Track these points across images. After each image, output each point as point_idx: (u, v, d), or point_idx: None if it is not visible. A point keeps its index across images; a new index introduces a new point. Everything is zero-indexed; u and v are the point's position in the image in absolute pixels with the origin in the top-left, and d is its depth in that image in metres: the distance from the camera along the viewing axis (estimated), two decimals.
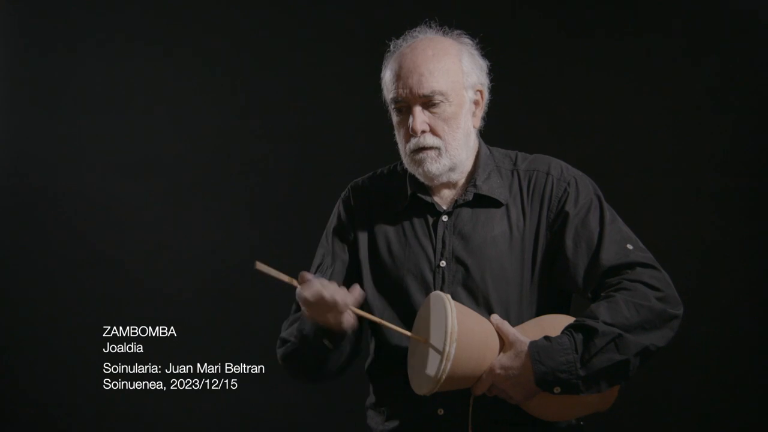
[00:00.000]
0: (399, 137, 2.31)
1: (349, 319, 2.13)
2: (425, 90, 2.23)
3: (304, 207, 3.82)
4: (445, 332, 2.05)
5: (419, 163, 2.27)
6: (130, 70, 3.95)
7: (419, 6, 2.60)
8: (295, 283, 2.10)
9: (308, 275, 2.10)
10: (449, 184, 2.33)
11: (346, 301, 2.10)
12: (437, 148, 2.26)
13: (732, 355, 3.66)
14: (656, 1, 3.75)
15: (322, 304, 2.09)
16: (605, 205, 2.30)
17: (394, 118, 2.31)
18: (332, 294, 2.08)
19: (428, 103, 2.24)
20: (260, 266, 2.07)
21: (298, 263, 2.48)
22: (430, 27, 2.34)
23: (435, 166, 2.26)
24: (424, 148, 2.26)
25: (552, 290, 2.28)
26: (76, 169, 3.95)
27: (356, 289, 2.14)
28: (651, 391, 3.60)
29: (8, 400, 3.97)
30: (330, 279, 2.30)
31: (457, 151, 2.27)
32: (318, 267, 2.39)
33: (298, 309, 2.32)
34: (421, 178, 2.31)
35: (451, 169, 2.29)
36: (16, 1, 3.96)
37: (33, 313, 3.95)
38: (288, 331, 2.30)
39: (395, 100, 2.27)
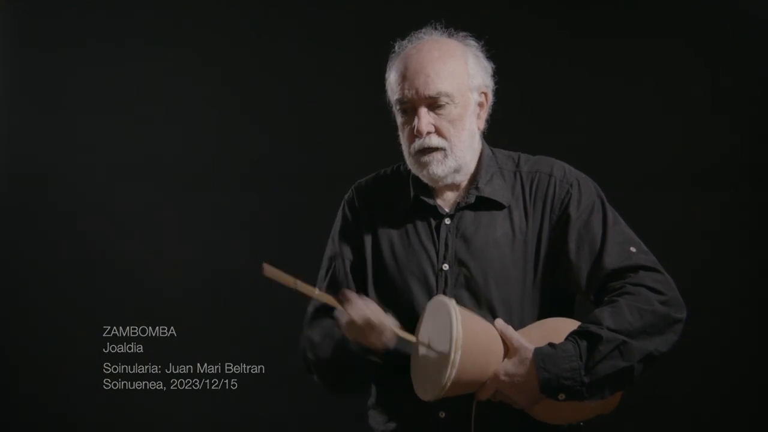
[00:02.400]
0: (403, 138, 2.31)
1: (390, 338, 2.13)
2: (431, 91, 2.22)
3: (304, 207, 3.81)
4: (450, 339, 2.05)
5: (424, 166, 2.26)
6: (130, 70, 3.94)
7: (424, 7, 2.59)
8: (299, 286, 2.09)
9: (350, 294, 2.12)
10: (452, 186, 2.32)
11: (389, 322, 2.12)
12: (442, 150, 2.25)
13: (732, 357, 3.66)
14: (659, 2, 3.75)
15: (367, 326, 2.10)
16: (608, 207, 2.29)
17: (399, 119, 2.31)
18: (378, 316, 2.10)
19: (434, 104, 2.23)
20: (268, 270, 2.06)
21: (299, 263, 2.48)
22: (436, 29, 2.33)
23: (440, 168, 2.26)
24: (429, 149, 2.25)
25: (555, 292, 2.27)
26: (75, 170, 3.95)
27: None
28: (651, 392, 3.60)
29: (8, 400, 3.96)
30: (348, 286, 2.32)
31: (462, 152, 2.27)
32: (329, 271, 2.38)
33: (317, 311, 2.33)
34: (426, 180, 2.30)
35: (456, 171, 2.28)
36: (16, 1, 3.96)
37: (33, 313, 3.94)
38: (322, 346, 2.27)
39: (401, 101, 2.26)
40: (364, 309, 2.11)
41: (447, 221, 2.30)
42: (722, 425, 3.67)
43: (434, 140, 2.25)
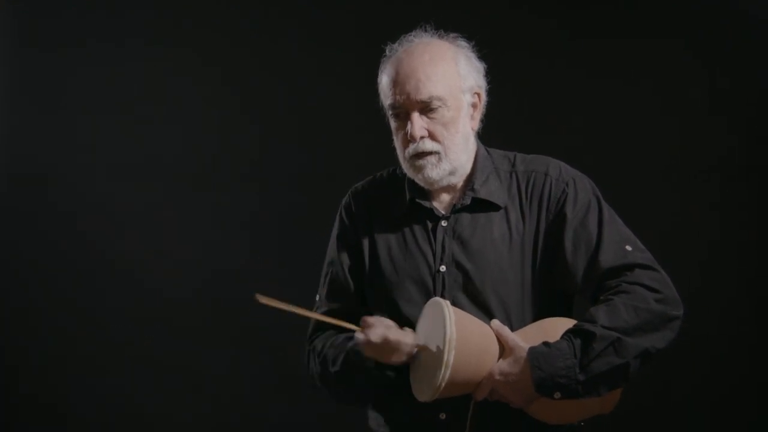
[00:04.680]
0: (397, 143, 2.30)
1: (409, 352, 2.15)
2: (423, 95, 2.21)
3: (304, 207, 3.82)
4: (444, 340, 2.05)
5: (419, 170, 2.26)
6: (130, 70, 3.95)
7: (423, 7, 2.59)
8: (300, 312, 2.13)
9: (370, 320, 2.13)
10: (448, 188, 2.32)
11: (408, 340, 2.13)
12: (437, 153, 2.24)
13: (732, 356, 3.66)
14: (659, 3, 3.75)
15: (386, 345, 2.12)
16: (604, 205, 2.29)
17: (392, 124, 2.30)
18: (395, 334, 2.12)
19: (426, 108, 2.22)
20: (261, 299, 2.08)
21: (299, 264, 2.48)
22: (426, 31, 2.32)
23: (435, 171, 2.25)
24: (423, 153, 2.24)
25: (553, 292, 2.27)
26: (75, 170, 3.95)
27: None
28: (651, 392, 3.60)
29: (8, 400, 3.97)
30: (347, 291, 2.34)
31: (456, 155, 2.26)
32: (327, 276, 2.39)
33: (319, 324, 2.33)
34: (421, 184, 2.30)
35: (451, 173, 2.28)
36: (16, 1, 3.97)
37: (33, 313, 3.95)
38: (330, 358, 2.27)
39: (393, 106, 2.25)
40: (383, 330, 2.12)
41: (443, 223, 2.29)
42: (722, 425, 3.67)
43: (428, 145, 2.24)
